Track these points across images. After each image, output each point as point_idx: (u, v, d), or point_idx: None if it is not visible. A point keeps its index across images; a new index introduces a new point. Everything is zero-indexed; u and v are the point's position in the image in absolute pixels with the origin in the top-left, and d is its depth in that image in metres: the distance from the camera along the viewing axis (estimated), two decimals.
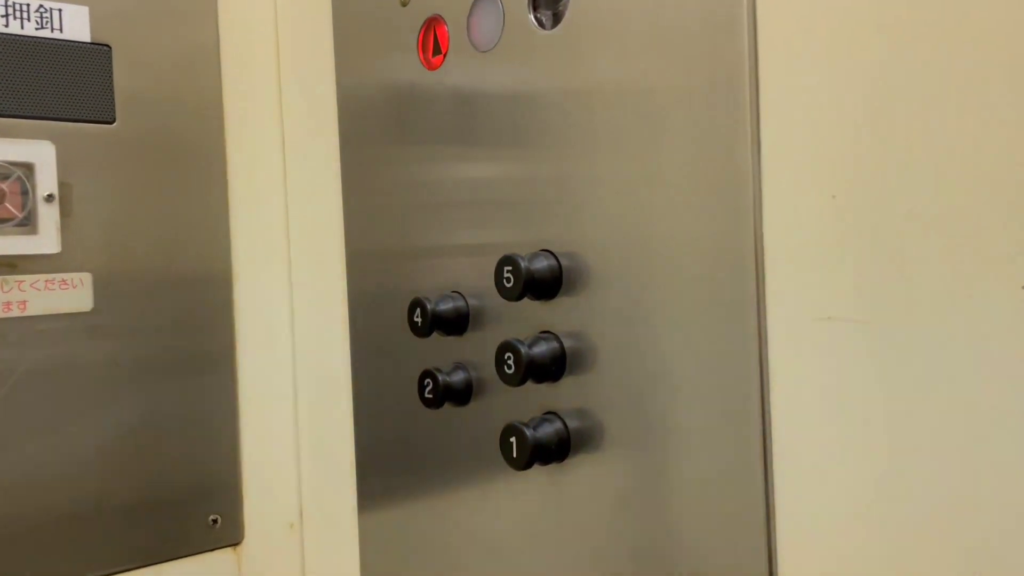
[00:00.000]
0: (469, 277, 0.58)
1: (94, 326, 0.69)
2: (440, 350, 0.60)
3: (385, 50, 0.64)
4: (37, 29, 0.66)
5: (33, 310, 0.66)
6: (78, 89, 0.68)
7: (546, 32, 0.52)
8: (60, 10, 0.67)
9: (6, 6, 0.65)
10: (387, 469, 0.68)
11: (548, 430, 0.51)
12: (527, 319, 0.54)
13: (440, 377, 0.57)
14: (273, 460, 0.79)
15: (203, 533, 0.75)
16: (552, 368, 0.52)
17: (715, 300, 0.44)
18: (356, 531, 0.72)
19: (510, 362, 0.51)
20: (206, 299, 0.74)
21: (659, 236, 0.46)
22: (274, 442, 0.79)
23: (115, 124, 0.70)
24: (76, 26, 0.68)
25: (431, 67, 0.60)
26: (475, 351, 0.58)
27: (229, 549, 0.77)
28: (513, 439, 0.51)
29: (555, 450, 0.51)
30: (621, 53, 0.47)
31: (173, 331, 0.73)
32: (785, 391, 0.42)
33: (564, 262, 0.52)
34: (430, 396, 0.57)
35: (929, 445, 0.36)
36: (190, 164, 0.73)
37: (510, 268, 0.51)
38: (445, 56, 0.59)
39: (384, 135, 0.65)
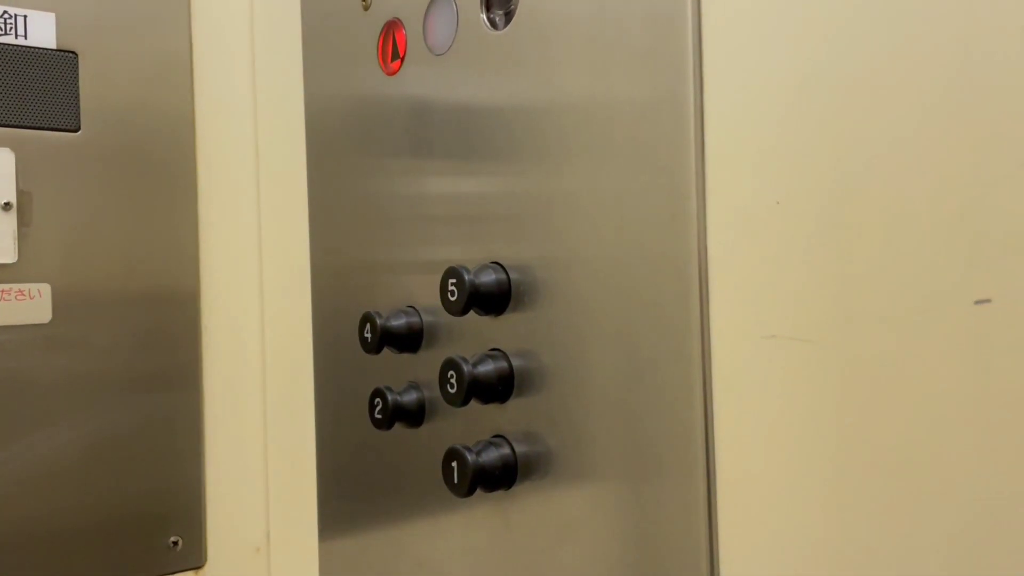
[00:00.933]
0: (424, 293, 0.56)
1: (52, 338, 0.67)
2: (395, 368, 0.58)
3: (348, 57, 0.62)
4: (1, 35, 0.65)
5: None
6: (42, 96, 0.67)
7: (498, 32, 0.49)
8: (25, 16, 0.66)
9: None
10: (345, 494, 0.65)
11: (493, 455, 0.48)
12: (478, 336, 0.51)
13: (390, 396, 0.54)
14: (240, 481, 0.76)
15: (163, 556, 0.72)
16: (499, 388, 0.48)
17: (661, 319, 0.41)
18: (317, 558, 0.69)
19: (452, 380, 0.48)
20: (172, 315, 0.72)
21: (605, 251, 0.43)
22: (241, 463, 0.76)
23: (80, 132, 0.68)
24: (42, 32, 0.67)
25: (390, 73, 0.58)
26: (429, 370, 0.55)
27: (191, 573, 0.74)
28: (455, 463, 0.48)
29: (500, 476, 0.48)
30: (566, 57, 0.45)
31: (136, 346, 0.71)
32: (729, 414, 0.38)
33: (514, 276, 0.49)
34: (379, 416, 0.54)
35: (879, 469, 0.33)
36: (158, 175, 0.72)
37: (454, 281, 0.48)
38: (403, 61, 0.56)
39: (346, 147, 0.63)
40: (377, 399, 0.55)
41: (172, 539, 0.72)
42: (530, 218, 0.48)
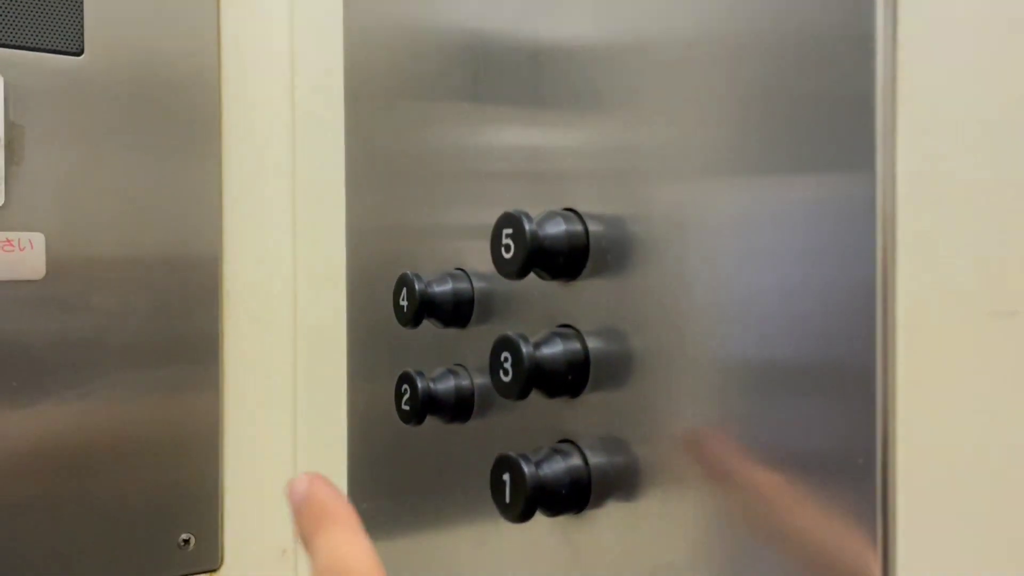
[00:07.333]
0: (476, 255, 0.43)
1: (45, 298, 0.57)
2: (439, 347, 0.46)
3: None
4: None
5: None
6: (39, 12, 0.56)
7: None
8: None
9: None
10: (378, 494, 0.53)
11: (558, 467, 0.36)
12: (544, 308, 0.39)
13: (421, 383, 0.42)
14: (263, 472, 0.65)
15: (171, 556, 0.62)
16: (569, 377, 0.36)
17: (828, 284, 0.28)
18: None
19: (507, 365, 0.36)
20: (188, 276, 0.62)
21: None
22: (267, 451, 0.65)
23: (83, 57, 0.58)
24: None
25: None
26: (482, 349, 0.43)
27: None
28: (507, 476, 0.36)
29: (568, 495, 0.36)
30: None
31: (144, 312, 0.60)
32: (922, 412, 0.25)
33: (593, 228, 0.36)
34: (407, 408, 0.42)
35: None
36: (175, 111, 0.61)
37: (511, 231, 0.36)
38: None
39: (390, 89, 0.51)
40: (405, 386, 0.43)
41: (183, 537, 0.62)
42: (620, 163, 0.35)
